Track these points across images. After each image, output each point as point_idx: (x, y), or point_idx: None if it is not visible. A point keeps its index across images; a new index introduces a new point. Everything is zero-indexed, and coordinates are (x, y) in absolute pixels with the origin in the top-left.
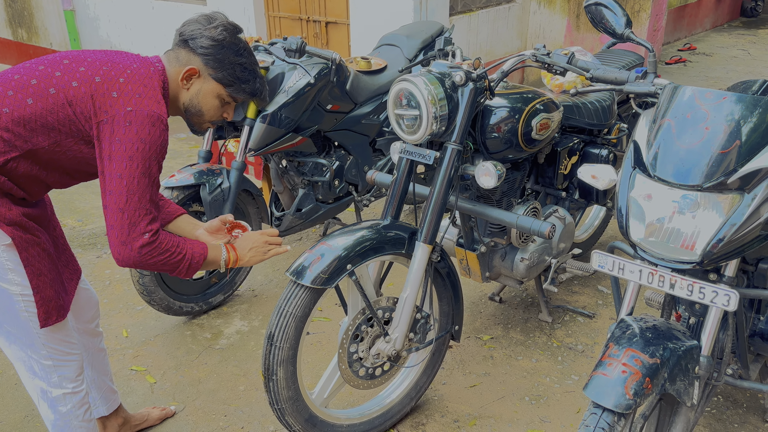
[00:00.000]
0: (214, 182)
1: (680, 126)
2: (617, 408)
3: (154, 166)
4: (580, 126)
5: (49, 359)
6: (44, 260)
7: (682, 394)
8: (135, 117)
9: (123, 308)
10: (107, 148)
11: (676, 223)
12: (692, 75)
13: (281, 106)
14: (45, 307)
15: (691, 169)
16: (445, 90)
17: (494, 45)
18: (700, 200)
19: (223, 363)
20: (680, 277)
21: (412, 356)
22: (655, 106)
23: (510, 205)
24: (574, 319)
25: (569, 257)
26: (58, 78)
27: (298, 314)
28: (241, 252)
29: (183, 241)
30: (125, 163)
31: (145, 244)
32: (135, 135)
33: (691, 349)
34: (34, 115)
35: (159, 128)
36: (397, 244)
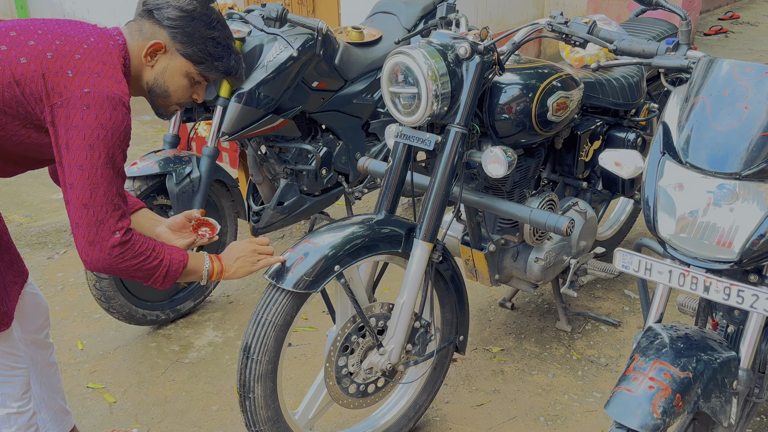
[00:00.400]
0: (182, 171)
1: (716, 105)
2: (643, 429)
3: (118, 154)
4: (603, 106)
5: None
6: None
7: (718, 412)
8: (93, 100)
9: (78, 317)
10: (64, 135)
11: (711, 216)
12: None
13: (259, 83)
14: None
15: (729, 154)
16: (448, 64)
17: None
18: (738, 190)
19: (193, 379)
20: (716, 279)
21: (411, 371)
22: (688, 82)
23: (523, 197)
24: (597, 328)
25: (591, 257)
26: (3, 53)
27: (278, 323)
28: (227, 262)
29: (160, 245)
30: (85, 153)
31: (117, 245)
32: (94, 120)
33: (728, 362)
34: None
35: (121, 112)
36: (393, 242)
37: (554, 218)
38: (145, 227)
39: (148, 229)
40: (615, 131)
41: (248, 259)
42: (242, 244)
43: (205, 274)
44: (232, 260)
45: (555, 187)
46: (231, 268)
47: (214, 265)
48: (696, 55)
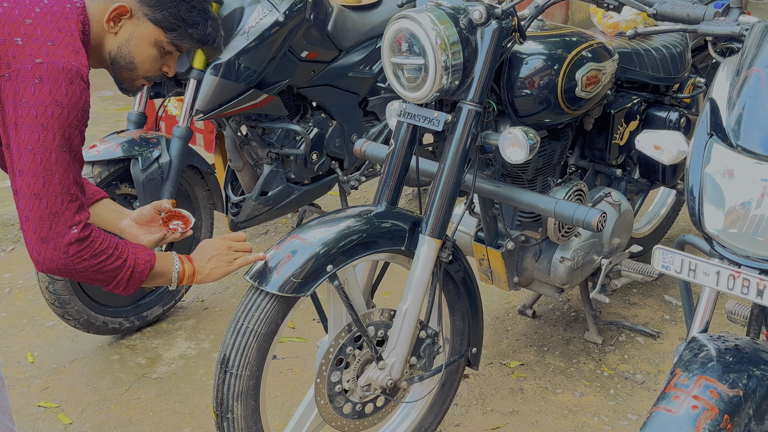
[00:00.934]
0: (149, 155)
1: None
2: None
3: (75, 136)
4: (641, 80)
5: None
6: None
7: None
8: (47, 72)
9: (28, 324)
10: (12, 113)
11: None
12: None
13: (240, 52)
14: None
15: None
16: (460, 31)
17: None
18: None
19: (161, 397)
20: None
21: (415, 388)
22: (740, 52)
23: (547, 186)
24: (632, 339)
25: (626, 257)
26: None
27: (261, 332)
28: (199, 264)
29: (123, 243)
30: (38, 134)
31: (74, 242)
32: (48, 96)
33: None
34: None
35: (78, 86)
36: (395, 238)
37: (583, 211)
38: (107, 221)
39: (111, 222)
40: (654, 110)
41: (223, 258)
42: (216, 242)
43: (174, 277)
44: (205, 261)
45: (584, 176)
46: (204, 270)
47: (185, 266)
48: (749, 21)
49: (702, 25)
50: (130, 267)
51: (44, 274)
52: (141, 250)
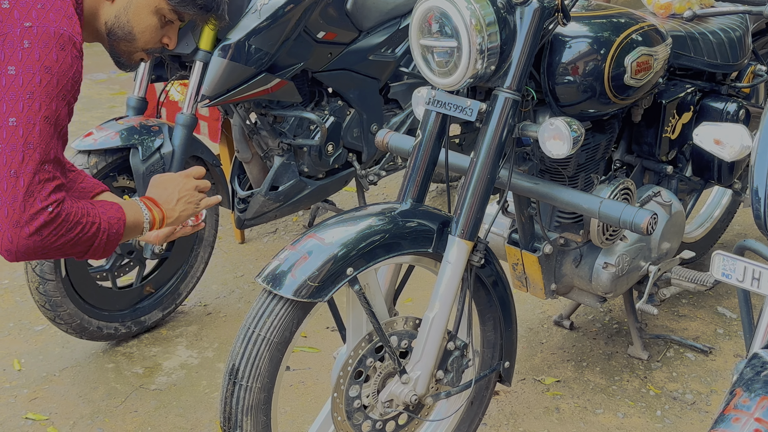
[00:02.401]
0: (150, 144)
1: None
2: None
3: (62, 107)
4: (696, 67)
5: None
6: None
7: None
8: (36, 36)
9: (15, 328)
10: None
11: None
12: None
13: (251, 32)
14: None
15: None
16: (497, 10)
17: None
18: None
19: (161, 410)
20: None
21: (441, 405)
22: None
23: (590, 184)
24: (682, 355)
25: (676, 264)
26: None
27: (274, 340)
28: (167, 206)
29: (90, 205)
30: (22, 103)
31: (48, 222)
32: (36, 62)
33: None
34: None
35: (70, 53)
36: (422, 239)
37: (631, 212)
38: None
39: None
40: (710, 100)
41: (191, 197)
42: (178, 180)
43: (146, 227)
44: (172, 203)
45: (630, 173)
46: (173, 213)
47: (153, 213)
48: None
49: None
50: (105, 230)
51: (35, 273)
52: (109, 207)
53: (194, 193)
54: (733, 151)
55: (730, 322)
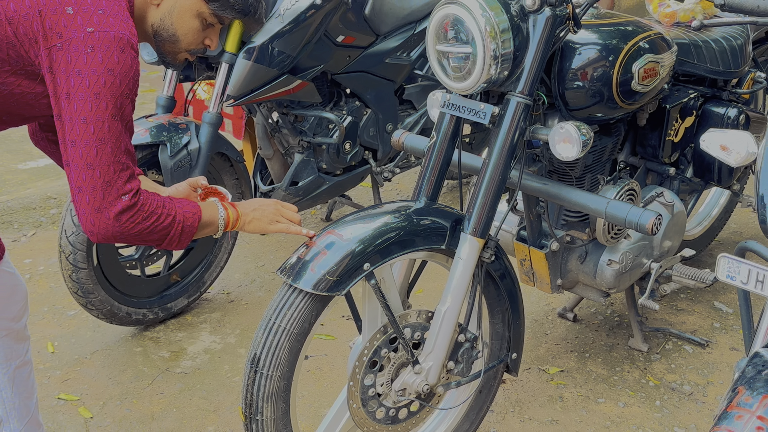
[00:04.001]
0: (178, 141)
1: None
2: None
3: (127, 105)
4: (698, 74)
5: None
6: None
7: None
8: (98, 41)
9: (49, 313)
10: (64, 83)
11: None
12: None
13: (274, 36)
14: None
15: None
16: (511, 18)
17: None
18: None
19: (185, 393)
20: None
21: (451, 394)
22: None
23: (596, 184)
24: (680, 348)
25: (677, 261)
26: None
27: (294, 331)
28: (243, 209)
29: (168, 200)
30: (90, 103)
31: (125, 209)
32: (100, 65)
33: None
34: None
35: (129, 55)
36: (435, 236)
37: (637, 212)
38: None
39: None
40: (712, 105)
41: (268, 214)
42: (265, 200)
43: (221, 224)
44: (249, 209)
45: (635, 174)
46: (247, 217)
47: (229, 212)
48: None
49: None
50: (180, 222)
51: (68, 261)
52: (186, 203)
53: (272, 211)
54: (739, 157)
55: (726, 316)
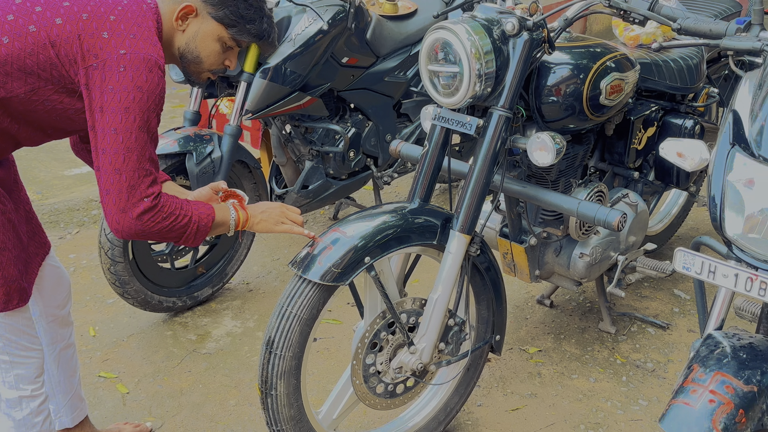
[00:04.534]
0: (202, 150)
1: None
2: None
3: (153, 118)
4: (659, 90)
5: (5, 354)
6: (9, 232)
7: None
8: (129, 61)
9: (90, 301)
10: (98, 98)
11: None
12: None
13: (286, 58)
14: (6, 288)
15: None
16: (493, 41)
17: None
18: None
19: (210, 371)
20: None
21: (442, 371)
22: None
23: (569, 187)
24: (644, 330)
25: (640, 254)
26: (38, 14)
27: (303, 317)
28: (252, 212)
29: (186, 202)
30: (120, 116)
31: (147, 210)
32: (130, 82)
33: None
34: (10, 56)
35: (156, 74)
36: (427, 233)
37: (605, 212)
38: None
39: None
40: (671, 117)
41: (274, 216)
42: (272, 203)
43: (232, 224)
44: (258, 211)
45: (603, 177)
46: (255, 219)
47: (239, 213)
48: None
49: (724, 40)
50: (195, 222)
51: (107, 256)
52: (202, 205)
53: (278, 213)
54: (693, 163)
55: (684, 302)
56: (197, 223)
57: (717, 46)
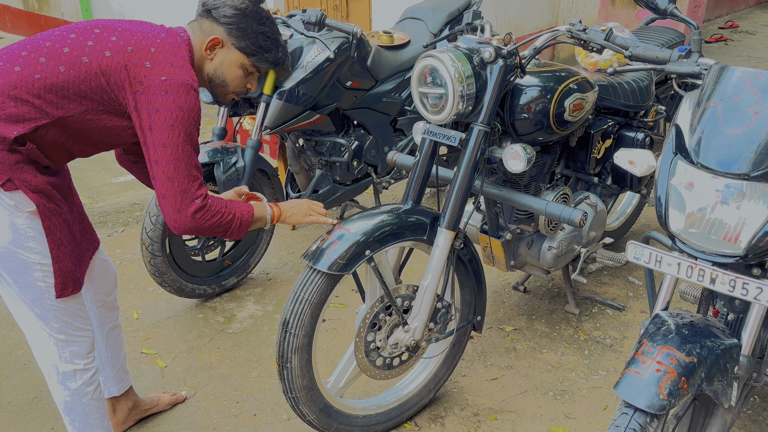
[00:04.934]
0: (228, 161)
1: (727, 110)
2: (650, 409)
3: (194, 132)
4: (615, 107)
5: (62, 333)
6: (65, 231)
7: (720, 395)
8: (170, 86)
9: (134, 289)
10: (147, 118)
11: (719, 213)
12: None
13: (299, 82)
14: (62, 278)
15: (738, 156)
16: (473, 67)
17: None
18: (746, 190)
19: (235, 348)
20: (722, 272)
21: (432, 347)
22: (700, 87)
23: (538, 190)
24: (603, 311)
25: (600, 246)
26: (90, 47)
27: (314, 301)
28: (284, 207)
29: (230, 202)
30: (167, 132)
31: (198, 209)
32: (173, 104)
33: (730, 348)
34: (67, 82)
35: (193, 96)
36: (419, 229)
37: (568, 211)
38: None
39: None
40: (625, 131)
41: (302, 210)
42: (299, 200)
43: (268, 218)
44: (289, 207)
45: (568, 182)
46: (287, 213)
47: (274, 210)
48: (708, 63)
49: (669, 65)
50: (238, 218)
51: (147, 250)
52: (242, 204)
53: (305, 207)
54: (642, 169)
55: (637, 288)
56: (240, 219)
57: (662, 70)
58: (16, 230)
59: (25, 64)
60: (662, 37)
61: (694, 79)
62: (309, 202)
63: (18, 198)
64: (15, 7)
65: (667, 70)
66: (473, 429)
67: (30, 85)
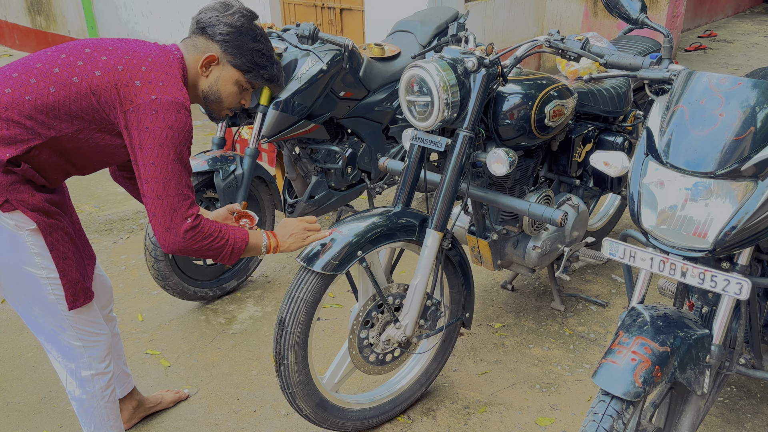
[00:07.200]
0: (227, 169)
1: (694, 112)
2: (626, 396)
3: (184, 151)
4: (594, 113)
5: (78, 341)
6: (68, 243)
7: (693, 382)
8: (160, 105)
9: (138, 293)
10: (137, 137)
11: (689, 210)
12: (712, 62)
13: (294, 93)
14: (72, 290)
15: (705, 156)
16: (457, 76)
17: (510, 31)
18: (713, 188)
19: (236, 347)
20: (692, 266)
21: (423, 343)
22: (669, 92)
23: (522, 192)
24: (587, 307)
25: (582, 246)
26: (80, 67)
27: (308, 300)
28: (281, 238)
29: (225, 227)
30: (157, 151)
31: (189, 229)
32: (163, 122)
33: (702, 338)
34: (57, 103)
35: (184, 114)
36: (409, 231)
37: (550, 211)
38: None
39: None
40: (605, 135)
41: (299, 235)
42: (294, 222)
43: (263, 249)
44: (286, 236)
45: (551, 184)
46: (285, 243)
47: (270, 241)
48: (676, 69)
49: (641, 71)
50: (231, 244)
51: (150, 255)
52: (238, 230)
53: (303, 231)
54: (616, 170)
55: (620, 285)
56: (233, 245)
57: (635, 76)
58: (20, 248)
59: (16, 86)
60: (639, 45)
61: (664, 84)
62: (302, 222)
63: (17, 218)
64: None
65: (640, 76)
66: (464, 421)
67: (21, 107)
